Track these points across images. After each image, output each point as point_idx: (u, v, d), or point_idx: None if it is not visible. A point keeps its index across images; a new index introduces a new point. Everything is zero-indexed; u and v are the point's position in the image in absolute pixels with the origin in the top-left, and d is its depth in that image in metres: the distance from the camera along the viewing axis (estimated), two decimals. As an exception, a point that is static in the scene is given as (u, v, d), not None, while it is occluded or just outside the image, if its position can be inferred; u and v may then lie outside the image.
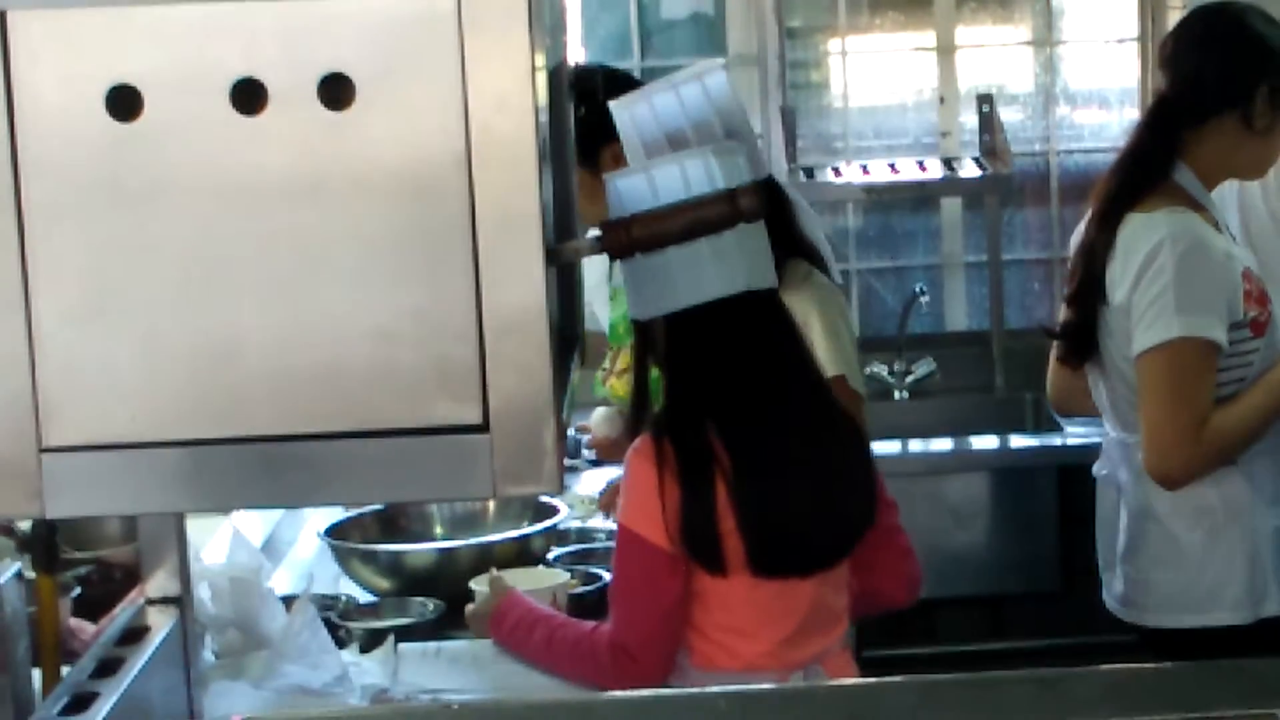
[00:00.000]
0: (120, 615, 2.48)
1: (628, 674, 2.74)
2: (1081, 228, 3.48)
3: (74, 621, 2.61)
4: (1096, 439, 3.70)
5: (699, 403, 2.71)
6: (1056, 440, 4.90)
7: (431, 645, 3.06)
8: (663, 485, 2.68)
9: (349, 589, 3.45)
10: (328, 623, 3.03)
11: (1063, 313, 3.51)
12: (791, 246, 3.27)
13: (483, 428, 1.37)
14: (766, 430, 2.71)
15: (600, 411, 4.20)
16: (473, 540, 3.48)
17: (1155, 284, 3.22)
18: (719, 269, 2.59)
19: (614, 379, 3.81)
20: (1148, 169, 3.33)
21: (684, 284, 2.59)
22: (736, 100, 3.15)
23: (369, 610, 3.31)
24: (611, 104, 3.09)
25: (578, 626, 2.92)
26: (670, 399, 2.74)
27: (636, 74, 5.46)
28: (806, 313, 3.19)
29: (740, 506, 2.68)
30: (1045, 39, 5.62)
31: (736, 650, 2.77)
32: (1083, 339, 3.43)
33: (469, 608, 3.14)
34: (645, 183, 2.51)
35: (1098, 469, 3.56)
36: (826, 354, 3.22)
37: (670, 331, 2.69)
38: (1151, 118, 3.41)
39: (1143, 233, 3.27)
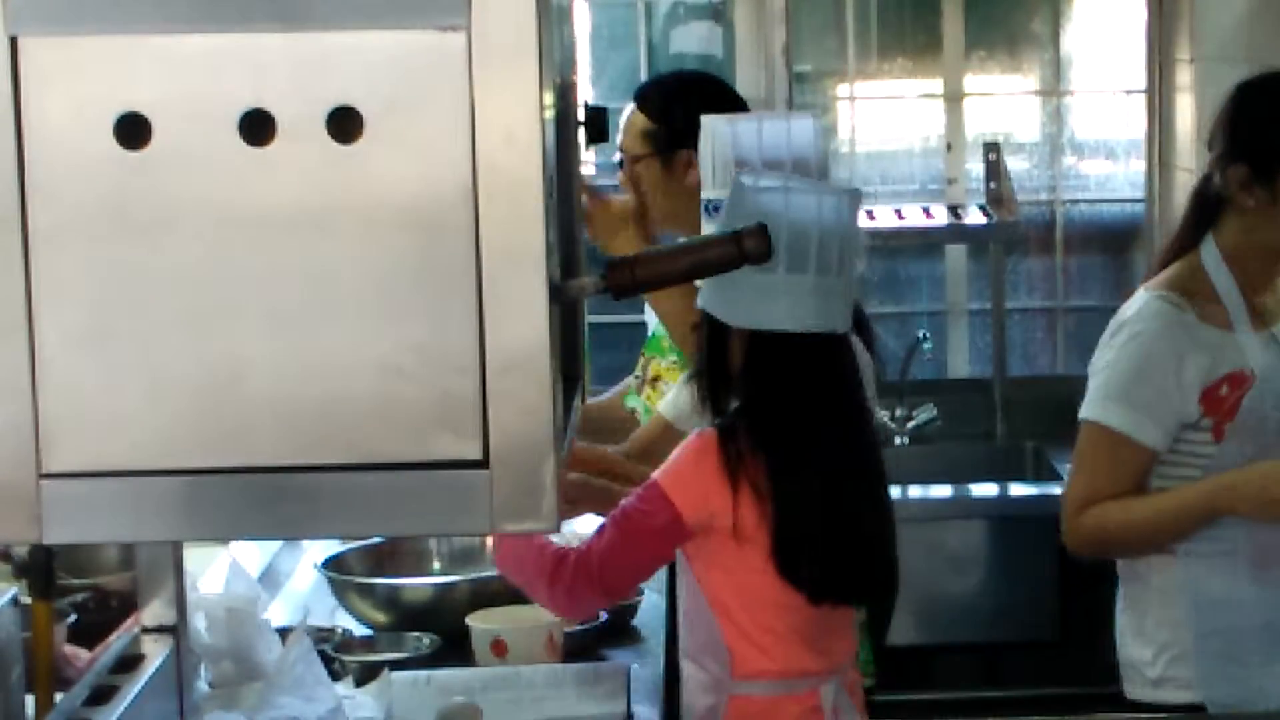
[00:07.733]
0: (115, 643, 2.47)
1: (580, 587, 2.76)
2: None
3: (69, 648, 2.60)
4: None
5: (781, 422, 2.78)
6: (1056, 489, 4.88)
7: (422, 674, 3.06)
8: (736, 487, 2.73)
9: (345, 621, 3.44)
10: (323, 655, 3.03)
11: None
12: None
13: (483, 463, 1.37)
14: (835, 460, 2.80)
15: None
16: (470, 576, 3.48)
17: (1101, 359, 3.20)
18: (819, 304, 2.72)
19: (648, 388, 3.76)
20: (1181, 246, 3.22)
21: (787, 309, 2.71)
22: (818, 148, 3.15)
23: (365, 643, 3.30)
24: (711, 118, 3.14)
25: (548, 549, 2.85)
26: (750, 414, 2.79)
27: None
28: None
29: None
30: (1053, 89, 5.63)
31: (773, 650, 2.81)
32: None
33: None
34: (781, 197, 2.70)
35: None
36: None
37: (754, 349, 2.77)
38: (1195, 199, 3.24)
39: (1126, 307, 3.23)
